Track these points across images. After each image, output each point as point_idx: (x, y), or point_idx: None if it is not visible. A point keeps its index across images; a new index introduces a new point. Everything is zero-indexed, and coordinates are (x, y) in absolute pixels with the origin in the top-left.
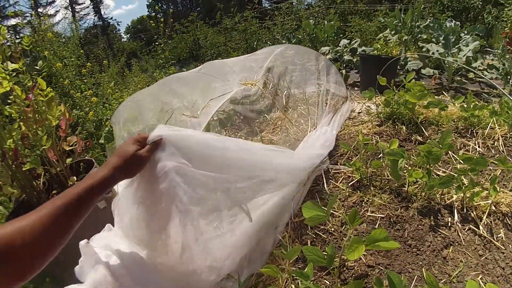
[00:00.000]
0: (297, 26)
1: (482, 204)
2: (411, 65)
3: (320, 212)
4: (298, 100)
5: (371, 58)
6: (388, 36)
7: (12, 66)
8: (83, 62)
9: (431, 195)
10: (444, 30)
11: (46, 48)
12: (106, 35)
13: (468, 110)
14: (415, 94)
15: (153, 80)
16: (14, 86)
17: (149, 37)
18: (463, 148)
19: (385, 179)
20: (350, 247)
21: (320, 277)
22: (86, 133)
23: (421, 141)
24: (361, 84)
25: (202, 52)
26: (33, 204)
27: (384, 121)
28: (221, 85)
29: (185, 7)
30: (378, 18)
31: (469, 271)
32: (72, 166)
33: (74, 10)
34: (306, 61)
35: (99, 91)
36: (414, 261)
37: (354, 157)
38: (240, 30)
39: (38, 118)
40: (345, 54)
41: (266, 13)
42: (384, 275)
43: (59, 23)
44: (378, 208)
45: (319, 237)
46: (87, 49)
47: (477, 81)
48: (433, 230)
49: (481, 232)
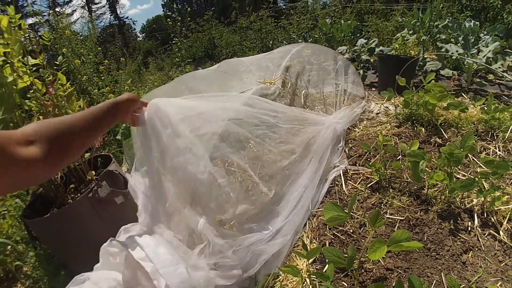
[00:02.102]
0: (313, 25)
1: (503, 209)
2: (430, 66)
3: (340, 213)
4: (315, 100)
5: (389, 58)
6: (406, 36)
7: (32, 61)
8: (101, 59)
9: (451, 199)
10: (463, 30)
11: (64, 46)
12: (122, 34)
13: (489, 113)
14: (435, 95)
15: (169, 78)
16: (35, 80)
17: (165, 36)
18: (484, 151)
19: (404, 181)
20: (372, 247)
21: (338, 279)
22: None
23: (441, 143)
24: (379, 84)
25: (217, 51)
26: (50, 198)
27: (403, 122)
28: (238, 84)
29: (200, 7)
30: (395, 17)
31: (488, 277)
32: (90, 161)
33: (90, 9)
34: (323, 61)
35: (116, 88)
36: (433, 265)
37: (373, 158)
38: (256, 29)
39: (57, 113)
40: (363, 54)
41: (281, 12)
42: (403, 278)
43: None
44: (397, 211)
45: (338, 238)
46: (104, 47)
47: (497, 83)
48: (453, 234)
49: (501, 238)
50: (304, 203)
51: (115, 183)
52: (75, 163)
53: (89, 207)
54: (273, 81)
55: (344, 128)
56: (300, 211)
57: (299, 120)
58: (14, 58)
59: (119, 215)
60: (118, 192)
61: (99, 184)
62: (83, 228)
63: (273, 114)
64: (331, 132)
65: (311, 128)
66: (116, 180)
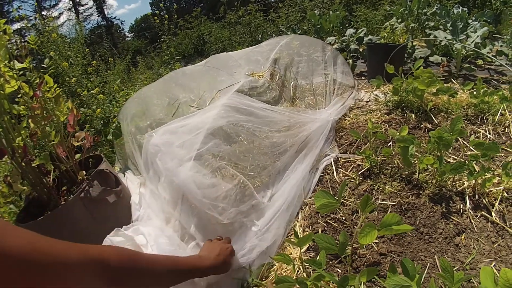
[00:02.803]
0: (301, 17)
1: (494, 191)
2: (419, 53)
3: (331, 200)
4: (305, 91)
5: (378, 46)
6: (394, 24)
7: (19, 65)
8: (89, 61)
9: (442, 182)
10: (452, 17)
11: (52, 49)
12: (111, 34)
13: (478, 97)
14: (424, 81)
15: (159, 76)
16: (22, 84)
17: (153, 35)
18: (474, 135)
19: (396, 167)
20: (362, 231)
21: (332, 266)
22: (94, 130)
23: (431, 129)
24: (369, 73)
25: (207, 47)
26: (43, 201)
27: (393, 109)
28: (228, 78)
29: (188, 4)
30: (383, 6)
31: (482, 258)
32: (81, 162)
33: (77, 11)
34: (312, 52)
35: (106, 88)
36: (426, 248)
37: (364, 146)
38: (245, 24)
39: (46, 114)
40: (352, 43)
41: (270, 5)
42: (396, 262)
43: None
44: (389, 196)
45: (330, 226)
46: (92, 49)
47: (486, 68)
48: (445, 217)
49: (493, 219)
50: (296, 193)
51: (106, 182)
52: (67, 166)
53: (81, 207)
54: (261, 74)
55: (335, 119)
56: (292, 203)
57: (290, 129)
58: (0, 63)
59: (112, 214)
60: (110, 190)
61: (91, 183)
62: (77, 228)
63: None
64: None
65: (303, 127)
66: (108, 179)
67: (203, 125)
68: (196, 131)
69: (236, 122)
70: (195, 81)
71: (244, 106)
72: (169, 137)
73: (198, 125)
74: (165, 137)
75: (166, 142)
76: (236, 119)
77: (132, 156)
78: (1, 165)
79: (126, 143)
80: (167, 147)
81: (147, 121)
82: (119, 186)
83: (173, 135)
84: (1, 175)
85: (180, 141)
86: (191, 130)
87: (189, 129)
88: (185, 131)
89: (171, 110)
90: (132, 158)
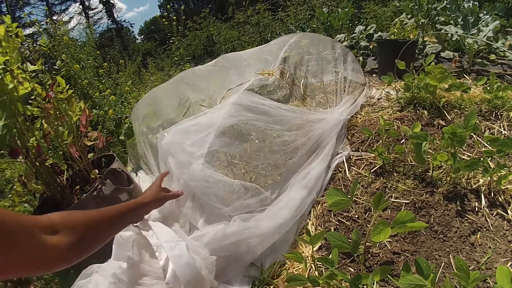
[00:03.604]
0: (310, 15)
1: (510, 188)
2: (430, 49)
3: (343, 197)
4: (315, 89)
5: (388, 43)
6: (404, 20)
7: (31, 68)
8: (100, 63)
9: (456, 180)
10: (462, 11)
11: (64, 52)
12: (121, 37)
13: (492, 92)
14: (436, 77)
15: (169, 77)
16: (35, 85)
17: (163, 37)
18: (488, 131)
19: (409, 164)
20: (376, 229)
21: (344, 265)
22: (107, 131)
23: (444, 125)
24: (379, 70)
25: (216, 47)
26: (57, 200)
27: (405, 106)
28: (238, 77)
29: (197, 5)
30: (393, 2)
31: (498, 258)
32: (94, 161)
33: (87, 15)
34: (322, 50)
35: (117, 90)
36: (440, 247)
37: (376, 143)
38: (253, 23)
39: (58, 115)
40: (361, 40)
41: (278, 4)
42: (410, 262)
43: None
44: (402, 194)
45: (343, 224)
46: (103, 51)
47: (499, 63)
48: (460, 216)
49: (510, 217)
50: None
51: (118, 180)
52: (80, 165)
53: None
54: (271, 72)
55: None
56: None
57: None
58: (13, 65)
59: None
60: (122, 189)
61: (103, 182)
62: None
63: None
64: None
65: (315, 125)
66: (120, 178)
67: (214, 123)
68: (207, 130)
69: (247, 121)
70: (205, 81)
71: (254, 104)
72: (180, 136)
73: (209, 123)
74: (176, 136)
75: (178, 141)
76: (247, 117)
77: (144, 155)
78: (16, 165)
79: (138, 143)
80: (178, 146)
81: (159, 121)
82: (131, 185)
83: (184, 134)
84: (16, 175)
85: (191, 139)
86: (202, 129)
87: (200, 128)
88: (196, 130)
89: (181, 110)
90: (144, 158)
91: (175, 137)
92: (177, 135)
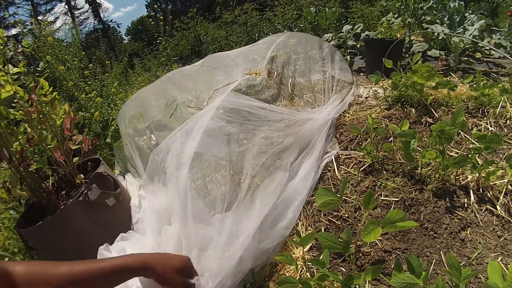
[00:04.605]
0: (298, 15)
1: (498, 184)
2: (417, 47)
3: (332, 197)
4: (303, 88)
5: (375, 42)
6: (391, 19)
7: (14, 70)
8: (86, 64)
9: (445, 177)
10: (448, 11)
11: (48, 53)
12: (107, 37)
13: (478, 89)
14: (423, 75)
15: (156, 78)
16: (17, 88)
17: (150, 37)
18: (475, 128)
19: (397, 162)
20: (366, 229)
21: (336, 265)
22: (94, 134)
23: (432, 123)
24: (367, 69)
25: (204, 47)
26: (42, 206)
27: (393, 104)
28: (225, 77)
29: (184, 5)
30: (380, 2)
31: (488, 253)
32: (80, 166)
33: (73, 15)
34: (310, 49)
35: (104, 92)
36: (431, 244)
37: (364, 142)
38: (241, 23)
39: (42, 118)
40: (349, 39)
41: (265, 4)
42: (402, 259)
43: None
44: (392, 192)
45: (333, 224)
46: (90, 52)
47: (485, 61)
48: (450, 212)
49: (498, 212)
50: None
51: (105, 185)
52: (66, 170)
53: (80, 211)
54: (258, 72)
55: (335, 117)
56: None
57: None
58: None
59: (111, 217)
60: (109, 193)
61: (89, 187)
62: (77, 233)
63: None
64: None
65: (303, 125)
66: (106, 182)
67: (200, 128)
68: (193, 135)
69: (234, 122)
70: (193, 81)
71: (241, 106)
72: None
73: (195, 129)
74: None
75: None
76: (234, 119)
77: (131, 158)
78: (0, 170)
79: (125, 145)
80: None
81: (145, 122)
82: (118, 189)
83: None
84: (0, 181)
85: (178, 147)
86: (188, 134)
87: (186, 133)
88: (182, 135)
89: (169, 111)
90: (131, 160)
91: (164, 144)
92: (165, 143)
